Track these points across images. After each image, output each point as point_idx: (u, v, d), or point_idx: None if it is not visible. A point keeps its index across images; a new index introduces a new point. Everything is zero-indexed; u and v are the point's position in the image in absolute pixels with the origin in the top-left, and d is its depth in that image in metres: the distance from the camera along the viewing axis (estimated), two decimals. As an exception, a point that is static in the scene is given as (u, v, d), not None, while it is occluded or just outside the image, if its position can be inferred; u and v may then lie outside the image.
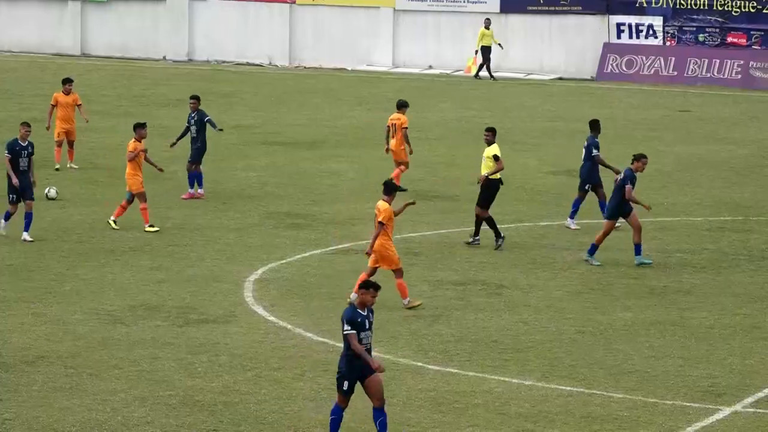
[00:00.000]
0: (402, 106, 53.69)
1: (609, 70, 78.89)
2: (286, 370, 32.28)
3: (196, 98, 52.88)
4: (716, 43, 79.65)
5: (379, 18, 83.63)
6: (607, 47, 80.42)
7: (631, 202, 31.22)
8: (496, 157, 44.43)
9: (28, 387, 30.67)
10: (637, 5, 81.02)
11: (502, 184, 44.97)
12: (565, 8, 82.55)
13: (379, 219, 38.00)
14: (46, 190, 47.49)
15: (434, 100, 66.95)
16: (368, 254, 38.78)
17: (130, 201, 44.08)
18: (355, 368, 26.80)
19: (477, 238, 45.20)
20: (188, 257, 41.64)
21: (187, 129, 51.75)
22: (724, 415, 30.19)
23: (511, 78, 79.39)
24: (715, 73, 77.09)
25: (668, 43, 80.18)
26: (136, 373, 31.72)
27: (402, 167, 52.13)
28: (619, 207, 36.52)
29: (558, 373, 32.58)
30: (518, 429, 28.76)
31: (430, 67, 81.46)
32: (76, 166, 49.82)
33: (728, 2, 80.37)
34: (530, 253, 43.09)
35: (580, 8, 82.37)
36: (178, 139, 51.92)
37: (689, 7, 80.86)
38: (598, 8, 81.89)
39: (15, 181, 41.18)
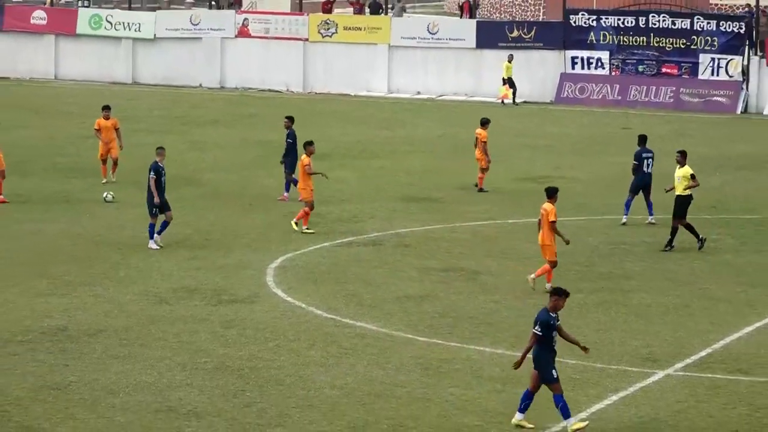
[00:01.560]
0: (484, 123, 54.01)
1: (565, 95, 78.80)
2: (300, 341, 32.85)
3: (289, 118, 52.79)
4: (653, 72, 79.53)
5: (377, 52, 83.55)
6: (564, 76, 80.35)
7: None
8: (693, 176, 43.54)
9: (89, 355, 31.25)
10: (588, 42, 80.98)
11: (692, 199, 44.11)
12: (529, 45, 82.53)
13: (551, 219, 38.16)
14: (104, 195, 47.63)
15: (422, 119, 66.97)
16: (567, 242, 39.12)
17: (311, 207, 44.36)
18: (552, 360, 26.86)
19: (672, 246, 44.08)
20: (220, 249, 41.98)
21: (288, 151, 51.06)
22: (659, 377, 30.78)
23: (485, 101, 78.97)
24: (652, 98, 77.00)
25: (613, 73, 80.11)
26: (177, 344, 32.29)
27: (481, 174, 52.28)
28: None
29: (523, 343, 32.60)
30: (490, 389, 29.35)
31: (419, 93, 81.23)
32: (114, 179, 49.31)
33: (662, 39, 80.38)
34: (501, 245, 43.39)
35: (542, 45, 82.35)
36: (282, 160, 51.45)
37: (630, 44, 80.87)
38: (556, 45, 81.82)
39: (157, 199, 41.40)
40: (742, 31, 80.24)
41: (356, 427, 26.92)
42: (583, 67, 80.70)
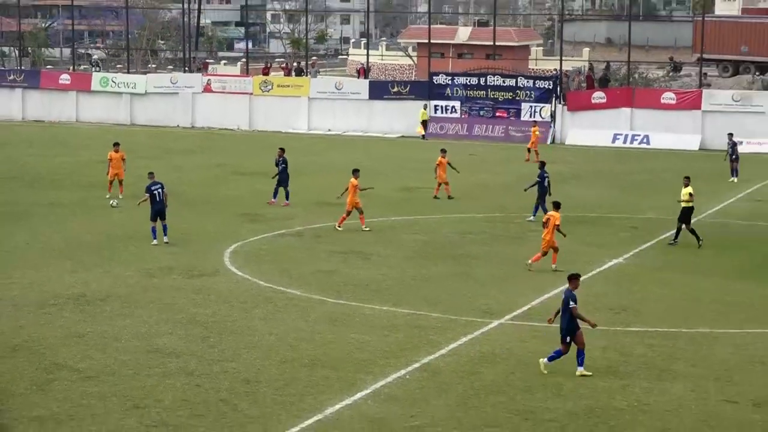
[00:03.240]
0: (443, 151, 52.73)
1: (431, 131, 78.58)
2: (248, 302, 32.89)
3: (282, 149, 51.42)
4: (490, 115, 79.55)
5: (300, 102, 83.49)
6: (430, 118, 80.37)
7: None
8: (691, 194, 42.19)
9: (100, 314, 31.29)
10: (446, 95, 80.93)
11: (693, 209, 42.88)
12: (405, 97, 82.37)
13: (557, 223, 37.36)
14: (111, 203, 47.41)
15: (331, 149, 66.69)
16: (563, 235, 38.18)
17: (361, 212, 43.97)
18: (572, 328, 26.16)
19: (676, 241, 42.48)
20: (191, 239, 41.73)
21: (282, 169, 50.24)
22: (495, 325, 30.95)
23: (377, 137, 78.85)
24: (489, 133, 77.17)
25: (463, 116, 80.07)
26: (162, 306, 32.38)
27: (446, 187, 51.86)
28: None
29: (402, 303, 32.79)
30: (379, 335, 29.53)
31: (329, 130, 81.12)
32: (121, 196, 48.88)
33: (496, 93, 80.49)
34: (386, 236, 43.22)
35: (414, 96, 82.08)
36: (274, 177, 50.43)
37: (474, 96, 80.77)
38: (424, 97, 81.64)
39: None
40: (550, 87, 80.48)
41: (286, 361, 26.91)
42: (442, 112, 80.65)
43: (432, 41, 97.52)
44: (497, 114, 79.80)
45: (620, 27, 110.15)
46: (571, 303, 25.97)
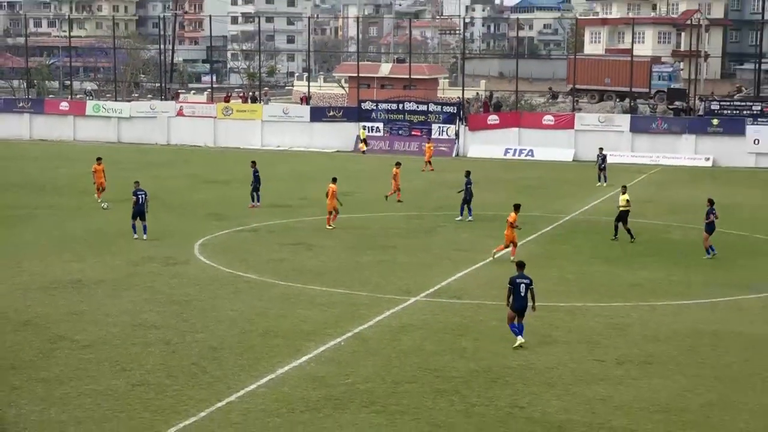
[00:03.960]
0: (398, 164, 52.35)
1: (357, 147, 78.67)
2: (214, 285, 32.85)
3: (254, 162, 50.82)
4: (407, 134, 79.73)
5: (255, 124, 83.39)
6: (358, 137, 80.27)
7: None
8: (628, 201, 41.65)
9: (94, 295, 31.58)
10: (372, 117, 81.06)
11: (629, 212, 42.00)
12: (339, 119, 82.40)
13: (510, 221, 36.68)
14: (102, 205, 46.91)
15: (281, 161, 66.40)
16: (519, 229, 37.52)
17: (336, 213, 43.82)
18: (524, 305, 25.59)
19: (616, 238, 41.79)
20: (167, 235, 41.37)
21: (255, 178, 49.59)
22: (412, 301, 30.81)
23: (317, 151, 78.74)
24: (407, 149, 77.20)
25: (386, 135, 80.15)
26: (144, 288, 32.32)
27: (398, 193, 51.48)
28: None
29: (338, 284, 32.93)
30: (320, 310, 29.77)
31: (279, 146, 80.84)
32: (100, 200, 48.64)
33: (412, 116, 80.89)
34: (326, 230, 42.93)
35: (346, 119, 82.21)
36: (253, 185, 49.85)
37: (395, 119, 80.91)
38: (354, 119, 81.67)
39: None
40: (455, 111, 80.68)
41: (245, 332, 26.77)
42: (369, 132, 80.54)
43: (360, 75, 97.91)
44: (413, 133, 79.87)
45: (510, 63, 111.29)
46: (509, 286, 25.65)
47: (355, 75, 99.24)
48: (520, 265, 26.15)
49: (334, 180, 44.13)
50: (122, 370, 23.51)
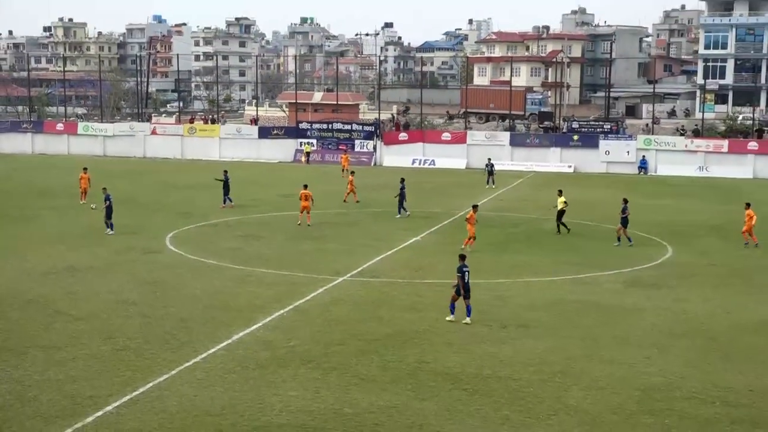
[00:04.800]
0: (352, 173, 51.63)
1: (296, 158, 78.11)
2: (182, 269, 32.50)
3: (225, 171, 49.57)
4: (335, 148, 79.31)
5: (213, 140, 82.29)
6: (296, 151, 79.88)
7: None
8: (565, 202, 41.05)
9: (85, 278, 31.03)
10: (308, 134, 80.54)
11: (564, 212, 41.22)
12: (280, 136, 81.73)
13: (467, 217, 36.21)
14: (91, 206, 45.96)
15: (236, 171, 65.62)
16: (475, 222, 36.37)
17: (308, 212, 42.38)
18: (467, 289, 25.00)
19: (559, 232, 40.80)
20: (142, 230, 40.87)
21: (225, 183, 48.13)
22: (340, 280, 30.78)
23: (264, 162, 78.19)
24: (335, 160, 76.49)
25: (319, 149, 79.72)
26: (125, 272, 31.98)
27: (354, 195, 50.48)
28: None
29: (282, 268, 32.76)
30: (266, 289, 29.43)
31: (233, 158, 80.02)
32: (82, 202, 47.92)
33: (338, 134, 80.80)
34: (271, 225, 42.79)
35: (287, 136, 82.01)
36: (224, 189, 48.49)
37: (326, 136, 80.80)
38: (293, 136, 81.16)
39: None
40: (373, 130, 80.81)
41: (207, 307, 26.52)
42: (300, 146, 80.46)
43: (297, 101, 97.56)
44: (340, 147, 79.71)
45: (416, 92, 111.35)
46: (458, 274, 25.09)
47: (294, 101, 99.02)
48: (462, 257, 25.56)
49: (305, 186, 43.14)
50: (108, 337, 23.20)
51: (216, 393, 19.04)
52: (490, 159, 64.78)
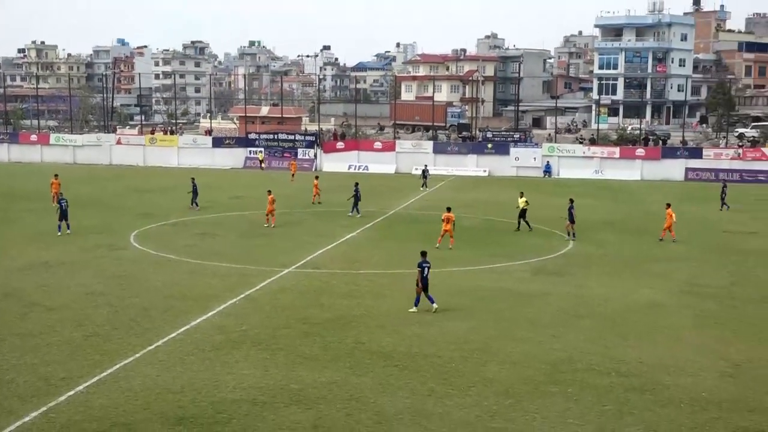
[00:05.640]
0: (317, 178, 51.03)
1: (247, 165, 77.72)
2: (145, 263, 31.87)
3: (193, 178, 48.72)
4: (281, 156, 79.29)
5: (172, 149, 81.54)
6: (247, 158, 79.43)
7: None
8: (527, 202, 40.67)
9: (57, 273, 30.22)
10: (256, 143, 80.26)
11: (527, 210, 40.76)
12: (232, 145, 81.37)
13: (444, 218, 35.04)
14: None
15: (196, 176, 64.90)
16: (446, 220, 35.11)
17: (272, 215, 41.72)
18: (426, 283, 24.35)
19: (519, 229, 40.27)
20: (108, 229, 40.13)
21: (194, 189, 47.29)
22: (286, 272, 30.45)
23: (218, 168, 77.40)
24: (280, 165, 76.09)
25: (266, 157, 79.41)
26: (94, 267, 31.39)
27: (318, 198, 49.76)
28: None
29: (235, 261, 32.40)
30: (221, 279, 28.85)
31: (190, 165, 79.17)
32: (54, 205, 46.69)
33: (284, 143, 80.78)
34: (226, 224, 42.35)
35: (237, 145, 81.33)
36: (193, 194, 47.56)
37: (272, 145, 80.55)
38: (243, 146, 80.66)
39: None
40: (314, 139, 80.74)
41: (167, 297, 26.09)
42: (253, 153, 79.96)
43: (247, 114, 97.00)
44: (285, 155, 79.41)
45: (351, 106, 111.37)
46: (418, 269, 24.40)
47: (243, 114, 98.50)
48: (423, 254, 24.70)
49: (270, 192, 42.47)
50: (79, 325, 22.71)
51: (176, 373, 18.77)
52: (426, 165, 66.71)
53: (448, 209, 36.47)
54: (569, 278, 30.28)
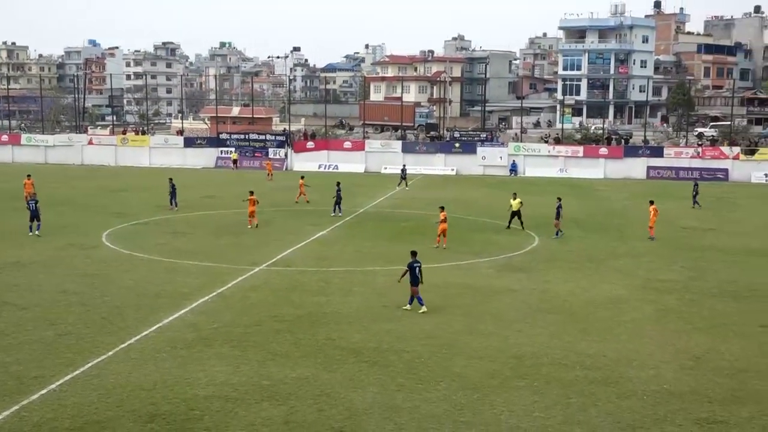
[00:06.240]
0: (303, 177, 50.26)
1: (219, 165, 77.29)
2: (118, 262, 31.56)
3: (171, 178, 48.08)
4: (252, 156, 78.38)
5: (144, 149, 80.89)
6: (218, 159, 78.90)
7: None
8: (521, 203, 40.31)
9: (28, 271, 29.66)
10: (227, 143, 79.72)
11: (521, 210, 40.32)
12: (204, 146, 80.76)
13: (441, 219, 34.63)
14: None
15: (164, 177, 64.43)
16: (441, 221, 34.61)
17: (253, 216, 41.28)
18: (414, 282, 24.10)
19: (510, 227, 39.98)
20: (80, 229, 39.70)
21: (172, 189, 46.47)
22: (257, 270, 30.46)
23: (189, 168, 76.82)
24: (253, 165, 75.49)
25: (239, 157, 78.87)
26: (67, 266, 30.90)
27: (305, 197, 49.20)
28: None
29: (206, 260, 32.21)
30: (194, 278, 28.64)
31: (162, 165, 78.49)
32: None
33: (254, 143, 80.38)
34: (203, 222, 42.08)
35: (209, 145, 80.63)
36: (171, 194, 46.72)
37: (244, 145, 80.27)
38: (215, 146, 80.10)
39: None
40: (284, 139, 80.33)
41: (140, 295, 25.92)
42: (225, 154, 79.51)
43: (218, 115, 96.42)
44: (256, 155, 79.05)
45: (321, 107, 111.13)
46: (407, 269, 24.22)
47: (215, 115, 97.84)
48: (413, 253, 24.60)
49: (251, 192, 41.95)
50: (51, 324, 22.47)
51: (149, 370, 18.64)
52: (405, 165, 66.60)
53: (442, 208, 36.12)
54: (534, 274, 30.46)
